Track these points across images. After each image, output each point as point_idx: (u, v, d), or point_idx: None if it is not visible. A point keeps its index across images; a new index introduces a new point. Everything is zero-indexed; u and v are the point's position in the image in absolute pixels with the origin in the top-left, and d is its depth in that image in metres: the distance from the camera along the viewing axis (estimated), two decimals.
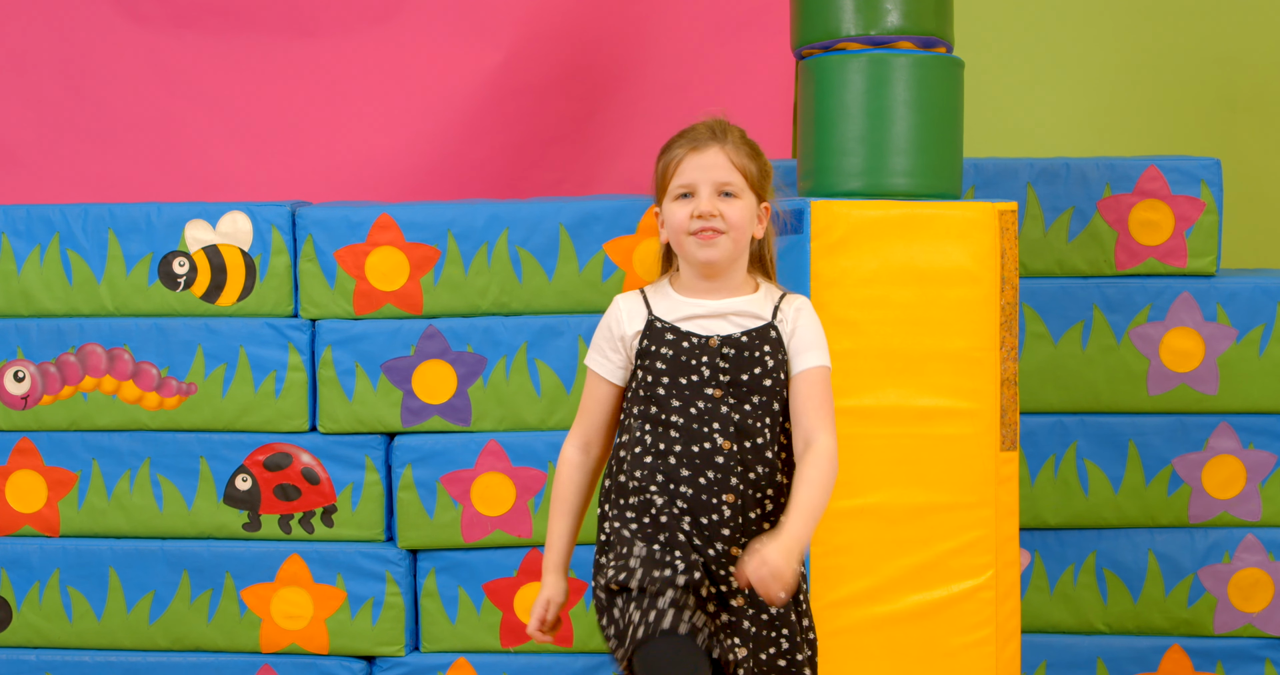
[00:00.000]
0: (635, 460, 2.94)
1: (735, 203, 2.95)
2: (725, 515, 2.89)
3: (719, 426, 2.89)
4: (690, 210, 2.94)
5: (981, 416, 3.60)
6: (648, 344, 2.94)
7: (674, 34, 4.94)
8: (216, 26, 4.92)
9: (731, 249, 2.95)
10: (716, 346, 2.92)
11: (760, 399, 2.91)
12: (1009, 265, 3.63)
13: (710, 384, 2.91)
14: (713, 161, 2.96)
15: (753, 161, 2.99)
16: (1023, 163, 4.18)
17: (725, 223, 2.93)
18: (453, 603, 4.11)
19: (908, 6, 3.69)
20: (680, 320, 2.95)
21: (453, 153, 4.87)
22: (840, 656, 3.54)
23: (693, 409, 2.90)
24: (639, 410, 2.95)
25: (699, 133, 2.99)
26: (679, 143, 3.00)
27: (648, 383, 2.93)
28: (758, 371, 2.92)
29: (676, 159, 2.98)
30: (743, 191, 2.96)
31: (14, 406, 4.17)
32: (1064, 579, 4.14)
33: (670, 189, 2.97)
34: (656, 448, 2.92)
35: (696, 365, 2.91)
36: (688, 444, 2.90)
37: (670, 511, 2.90)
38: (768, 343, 2.94)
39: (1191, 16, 5.35)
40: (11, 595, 4.16)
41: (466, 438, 4.13)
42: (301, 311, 4.16)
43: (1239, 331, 4.11)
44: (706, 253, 2.94)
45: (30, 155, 4.93)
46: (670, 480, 2.89)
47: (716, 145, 2.96)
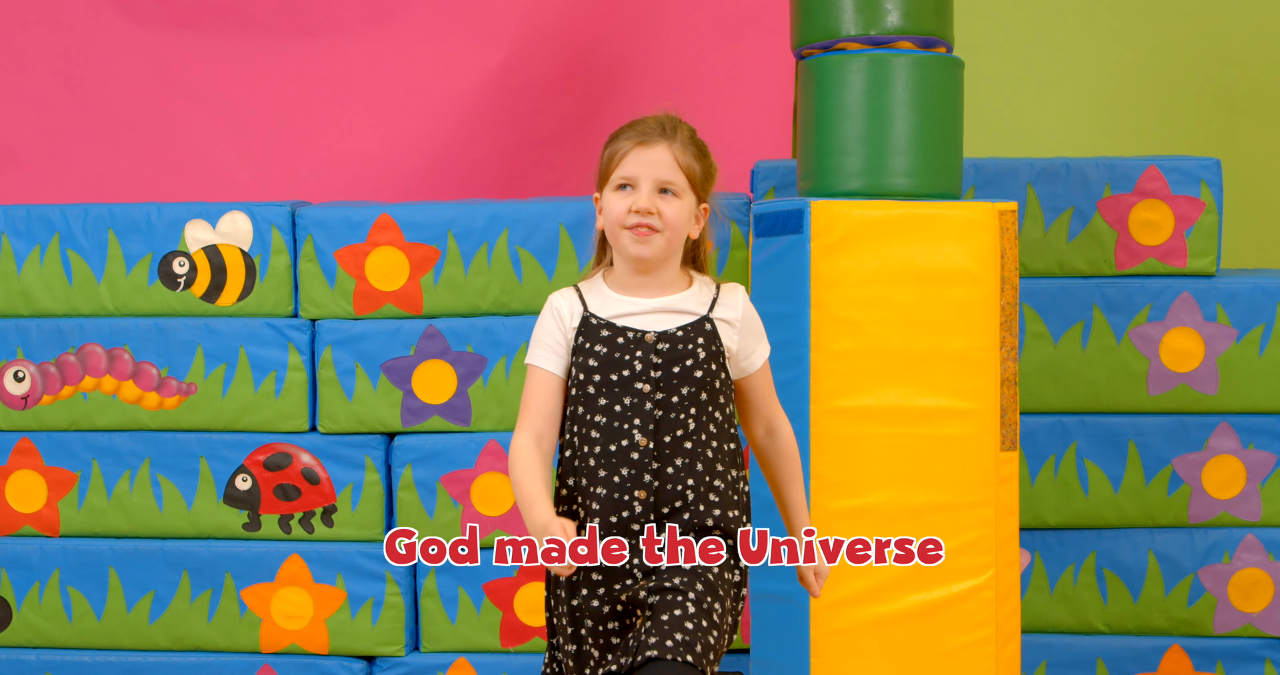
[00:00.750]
0: (565, 465, 2.96)
1: (674, 202, 2.93)
2: (636, 511, 2.88)
3: (639, 423, 2.88)
4: (629, 204, 2.93)
5: (981, 416, 3.60)
6: (582, 341, 2.93)
7: (674, 34, 4.94)
8: (216, 26, 4.92)
9: (665, 248, 2.93)
10: (652, 342, 2.91)
11: (688, 390, 2.90)
12: (1009, 265, 3.63)
13: (641, 378, 2.90)
14: (658, 158, 2.94)
15: (698, 162, 2.97)
16: (1023, 163, 4.18)
17: (662, 221, 2.91)
18: (453, 603, 4.11)
19: (908, 6, 3.69)
20: (616, 317, 2.95)
21: (453, 153, 4.87)
22: (840, 656, 3.54)
23: (617, 407, 2.89)
24: (569, 411, 2.95)
25: (649, 127, 2.98)
26: (627, 134, 2.98)
27: (579, 380, 2.92)
28: (689, 364, 2.91)
29: (622, 151, 2.96)
30: (684, 191, 2.94)
31: (14, 406, 4.17)
32: (1064, 579, 4.14)
33: (612, 178, 2.96)
34: (581, 450, 2.91)
35: (629, 360, 2.90)
36: (606, 443, 2.89)
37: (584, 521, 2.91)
38: (701, 335, 2.93)
39: (1191, 16, 5.35)
40: (11, 595, 4.16)
41: (466, 438, 4.13)
42: (301, 311, 4.16)
43: (1239, 331, 4.11)
44: (639, 249, 2.92)
45: (30, 155, 4.93)
46: (590, 482, 2.89)
47: (665, 143, 2.95)
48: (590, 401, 2.91)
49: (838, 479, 3.57)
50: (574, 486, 2.93)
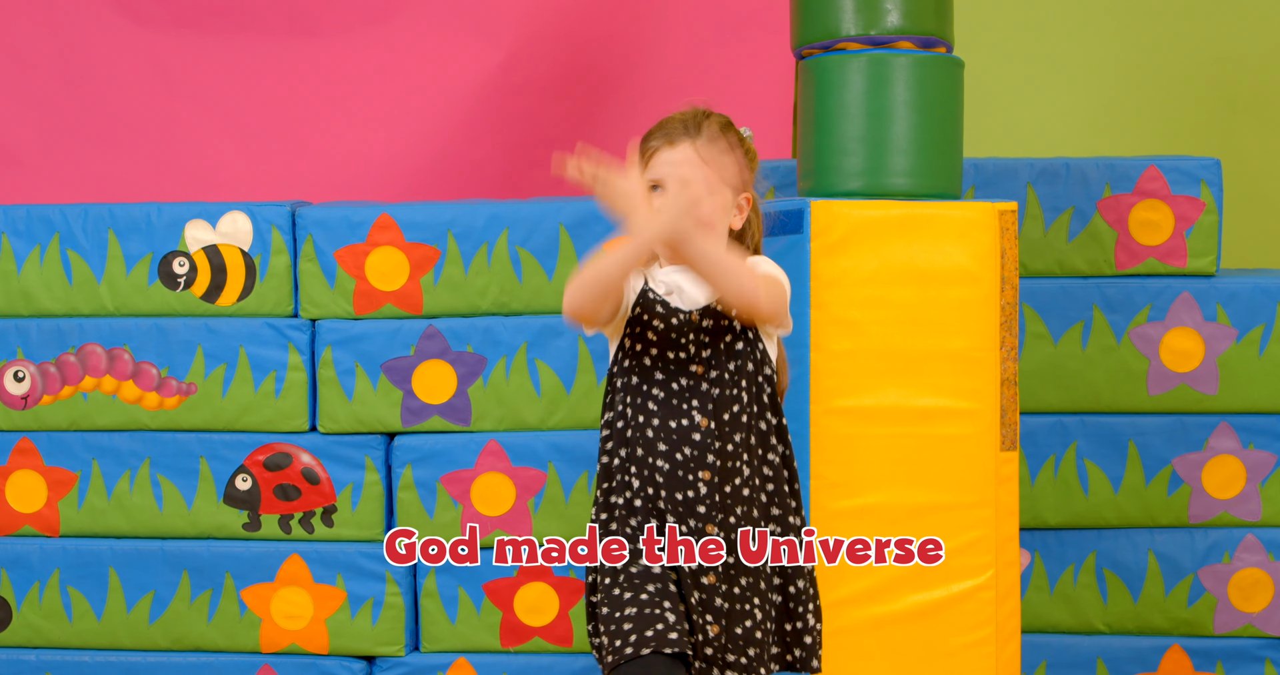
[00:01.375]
0: (617, 436, 2.96)
1: (705, 200, 2.94)
2: (701, 492, 2.89)
3: (697, 403, 2.90)
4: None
5: (981, 416, 3.60)
6: (640, 312, 2.95)
7: (674, 34, 4.94)
8: (216, 26, 4.92)
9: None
10: (698, 321, 2.93)
11: (736, 365, 2.93)
12: (1009, 265, 3.63)
13: (694, 361, 2.91)
14: (683, 157, 2.96)
15: (728, 155, 2.97)
16: (1023, 163, 4.18)
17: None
18: (453, 603, 4.10)
19: (908, 6, 3.69)
20: (667, 293, 2.96)
21: (453, 153, 4.87)
22: (840, 656, 3.54)
23: (674, 384, 2.91)
24: (622, 383, 2.95)
25: (673, 126, 2.99)
26: (656, 135, 3.00)
27: (635, 352, 2.93)
28: (729, 338, 2.93)
29: (650, 151, 2.99)
30: (714, 187, 2.95)
31: (14, 406, 4.17)
32: (1064, 579, 4.14)
33: (645, 181, 2.98)
34: (635, 421, 2.92)
35: (684, 343, 2.92)
36: (665, 419, 2.90)
37: (645, 493, 2.91)
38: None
39: (1191, 16, 5.35)
40: (11, 595, 4.16)
41: (466, 438, 4.13)
42: (301, 311, 4.16)
43: (1239, 331, 4.11)
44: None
45: (30, 155, 4.93)
46: (648, 454, 2.90)
47: (688, 141, 2.96)
48: (647, 374, 2.92)
49: (838, 479, 3.57)
50: (627, 457, 2.92)
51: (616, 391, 2.96)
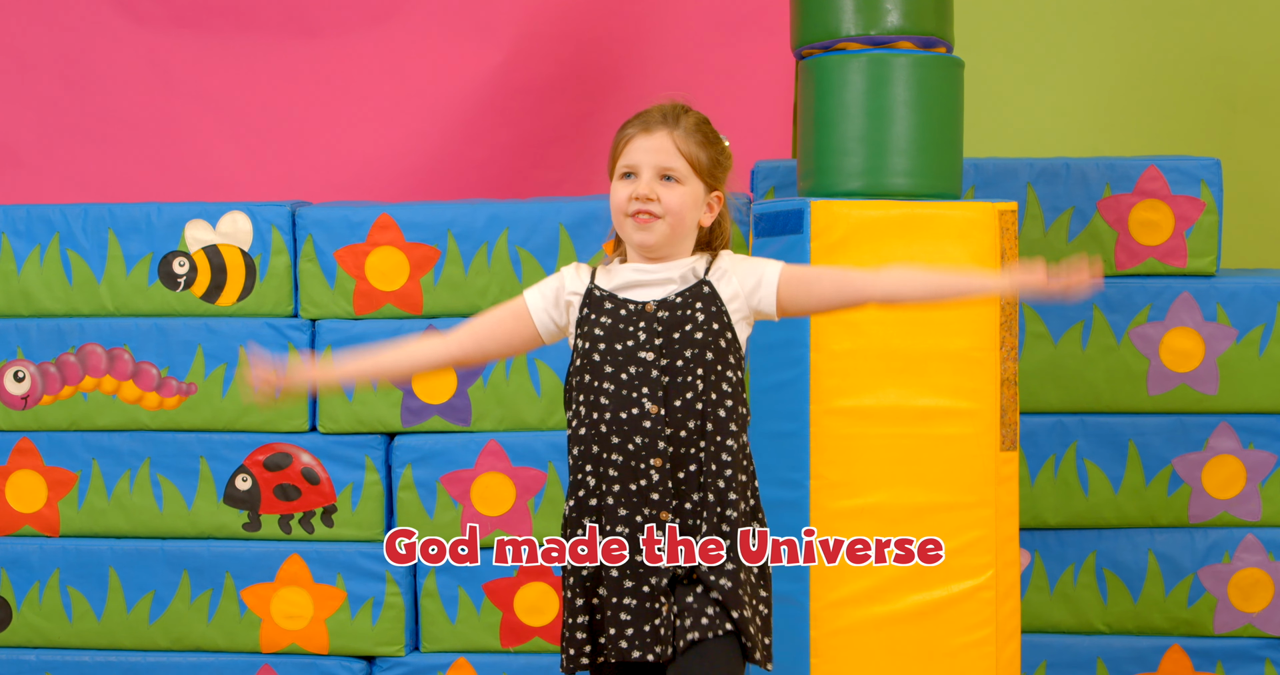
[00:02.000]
0: (573, 436, 2.97)
1: (676, 188, 2.94)
2: (654, 479, 2.90)
3: (648, 391, 2.91)
4: (630, 191, 2.95)
5: (981, 416, 3.60)
6: (587, 312, 2.96)
7: (674, 34, 4.94)
8: (216, 26, 4.92)
9: (668, 234, 2.94)
10: (653, 311, 2.93)
11: (692, 352, 2.92)
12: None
13: (644, 347, 2.92)
14: (659, 145, 2.95)
15: (703, 149, 2.97)
16: (1023, 163, 4.18)
17: (662, 207, 2.92)
18: (453, 603, 4.11)
19: (908, 6, 3.69)
20: (618, 288, 2.96)
21: (453, 153, 4.87)
22: (840, 656, 3.54)
23: (624, 374, 2.91)
24: (576, 382, 2.97)
25: (652, 115, 3.00)
26: (632, 123, 3.01)
27: (584, 350, 2.94)
28: (688, 328, 2.93)
29: (626, 138, 2.99)
30: (686, 178, 2.95)
31: (14, 406, 4.17)
32: (1064, 579, 4.14)
33: (616, 168, 2.99)
34: (590, 418, 2.93)
35: (633, 331, 2.93)
36: (616, 411, 2.91)
37: (599, 490, 2.92)
38: (699, 299, 2.95)
39: (1191, 16, 5.35)
40: (11, 595, 4.16)
41: (466, 438, 4.13)
42: (301, 311, 4.16)
43: (1239, 331, 4.11)
44: (641, 236, 2.94)
45: (30, 155, 4.93)
46: (602, 450, 2.91)
47: (665, 130, 2.96)
48: (596, 369, 2.92)
49: (838, 479, 3.57)
50: (580, 454, 2.94)
51: (572, 391, 2.98)
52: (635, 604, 2.90)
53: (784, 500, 3.57)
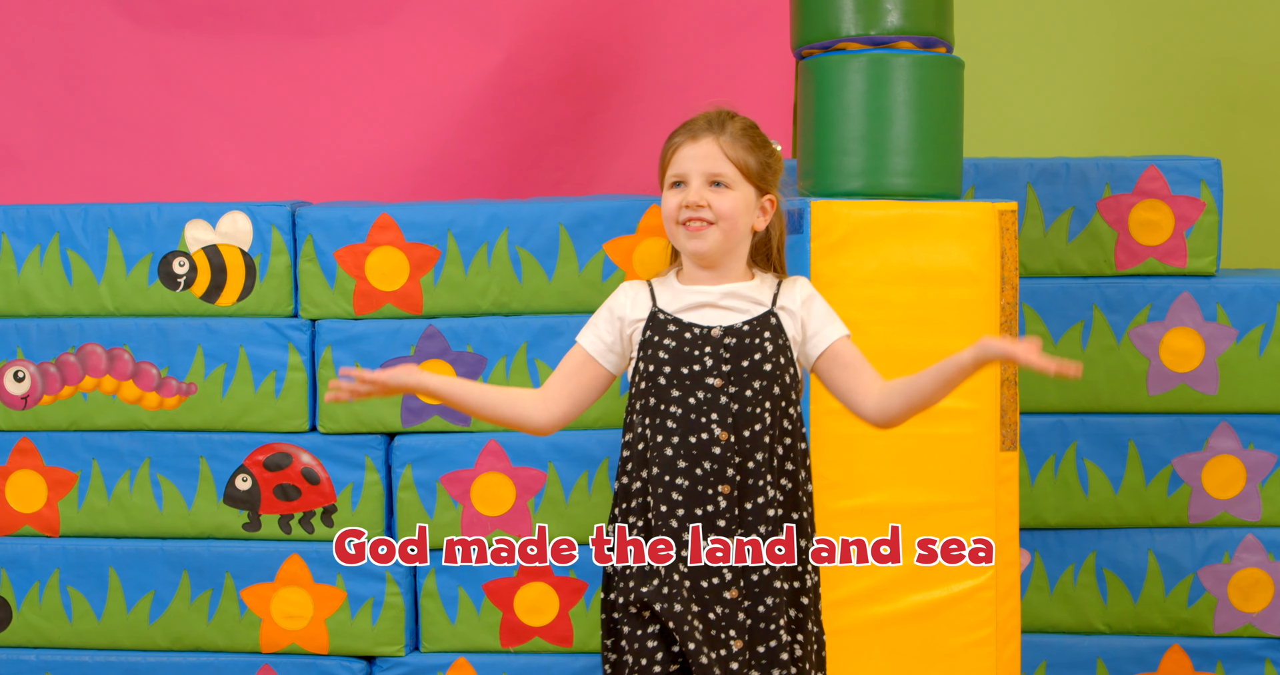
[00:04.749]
0: (636, 458, 2.95)
1: (727, 194, 2.94)
2: (720, 506, 2.89)
3: (717, 417, 2.90)
4: (680, 200, 2.95)
5: (981, 416, 3.60)
6: (650, 335, 2.95)
7: (674, 34, 4.94)
8: (216, 26, 4.91)
9: (722, 241, 2.94)
10: (719, 337, 2.93)
11: (760, 384, 2.92)
12: (1009, 265, 3.63)
13: (711, 374, 2.91)
14: (706, 152, 2.96)
15: (751, 154, 2.97)
16: (1023, 163, 4.18)
17: (714, 213, 2.93)
18: (453, 603, 4.10)
19: (908, 6, 3.69)
20: (682, 310, 2.96)
21: (453, 153, 4.87)
22: (840, 656, 3.54)
23: (691, 399, 2.90)
24: (640, 404, 2.95)
25: (697, 123, 3.00)
26: (679, 132, 3.01)
27: (649, 373, 2.93)
28: (757, 358, 2.92)
29: (673, 148, 2.99)
30: (736, 183, 2.95)
31: (14, 406, 4.17)
32: (1064, 579, 4.14)
33: (666, 178, 2.99)
34: (655, 440, 2.92)
35: (699, 356, 2.92)
36: (685, 435, 2.90)
37: (661, 511, 2.91)
38: (768, 329, 2.94)
39: (1191, 16, 5.35)
40: (11, 595, 4.16)
41: (466, 438, 4.13)
42: (301, 311, 4.16)
43: (1239, 331, 4.11)
44: (695, 244, 2.94)
45: (30, 155, 4.92)
46: (666, 472, 2.90)
47: (711, 136, 2.96)
48: (663, 393, 2.91)
49: (838, 479, 3.57)
50: (648, 477, 2.93)
51: (634, 412, 2.96)
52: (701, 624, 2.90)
53: None
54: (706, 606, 2.90)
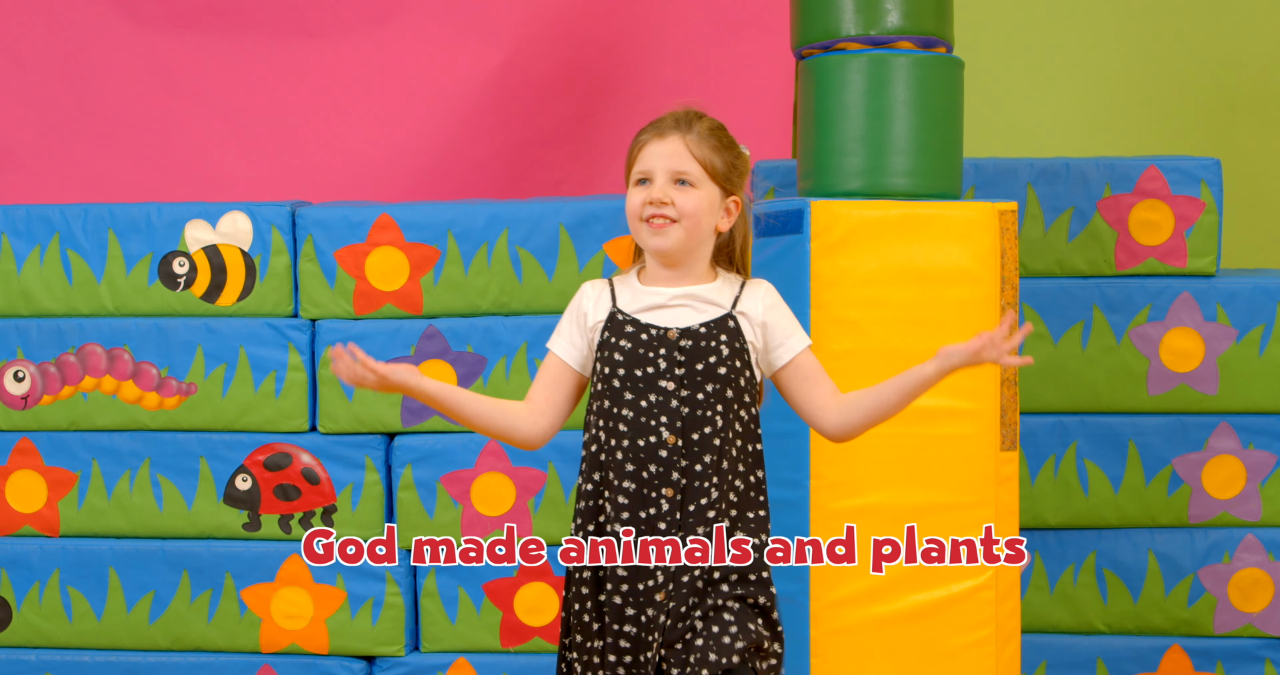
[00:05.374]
0: (591, 459, 2.96)
1: (691, 192, 2.92)
2: (663, 509, 2.89)
3: (666, 420, 2.89)
4: (644, 197, 2.93)
5: (981, 416, 3.60)
6: (608, 336, 2.94)
7: (674, 34, 4.94)
8: (216, 26, 4.92)
9: (684, 239, 2.92)
10: (675, 339, 2.91)
11: (714, 387, 2.91)
12: (1009, 265, 3.63)
13: (665, 376, 2.90)
14: (672, 150, 2.94)
15: (718, 154, 2.95)
16: (1023, 163, 4.18)
17: (677, 211, 2.90)
18: (453, 603, 4.11)
19: (908, 6, 3.69)
20: (640, 311, 2.95)
21: (453, 153, 4.87)
22: (840, 656, 3.54)
23: (643, 402, 2.90)
24: (596, 406, 2.96)
25: (664, 122, 2.99)
26: (646, 130, 3.00)
27: (604, 374, 2.93)
28: (712, 361, 2.91)
29: (639, 145, 2.98)
30: (701, 182, 2.93)
31: (14, 406, 4.18)
32: (1064, 579, 4.14)
33: (631, 175, 2.98)
34: (608, 445, 2.92)
35: (654, 357, 2.91)
36: (634, 438, 2.90)
37: (609, 515, 2.91)
38: (724, 332, 2.93)
39: (1191, 16, 5.35)
40: (11, 595, 4.16)
41: (466, 438, 4.13)
42: (301, 311, 4.16)
43: (1239, 331, 4.11)
44: (657, 241, 2.92)
45: (30, 155, 4.93)
46: (617, 477, 2.90)
47: (678, 134, 2.95)
48: (616, 396, 2.91)
49: (838, 479, 3.57)
50: (600, 480, 2.93)
51: (591, 413, 2.96)
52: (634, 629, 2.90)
53: (784, 500, 3.57)
54: (639, 609, 2.90)
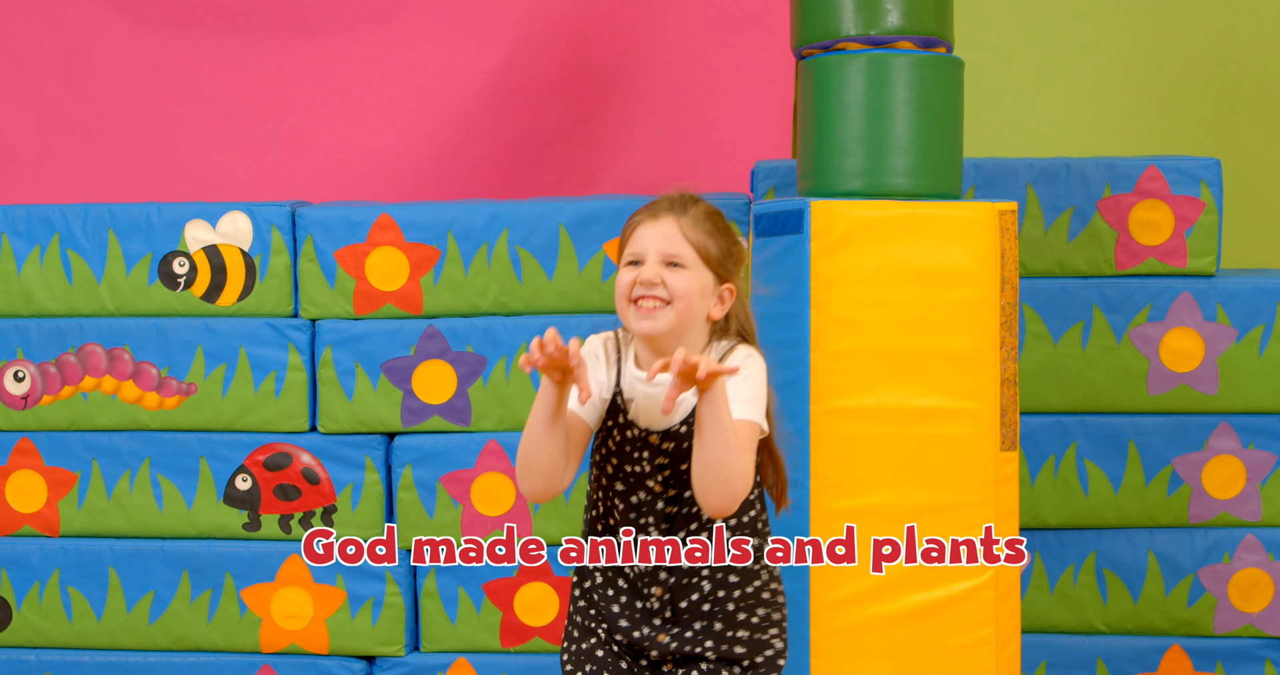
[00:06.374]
0: (589, 525, 2.95)
1: (682, 273, 2.81)
2: (654, 606, 2.88)
3: (653, 520, 2.86)
4: (634, 276, 2.82)
5: (981, 416, 3.60)
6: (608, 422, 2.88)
7: (674, 34, 4.94)
8: (216, 26, 4.92)
9: (674, 322, 2.81)
10: (656, 443, 2.86)
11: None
12: (1009, 265, 3.63)
13: (651, 477, 2.85)
14: (665, 232, 2.82)
15: (713, 239, 2.85)
16: (1023, 163, 4.18)
17: (669, 292, 2.80)
18: (453, 603, 4.11)
19: (908, 6, 3.69)
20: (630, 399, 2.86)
21: (453, 153, 4.87)
22: (840, 656, 3.54)
23: (633, 498, 2.87)
24: (595, 475, 2.92)
25: (660, 204, 2.87)
26: (640, 211, 2.87)
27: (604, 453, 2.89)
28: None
29: (633, 226, 2.87)
30: (693, 265, 2.82)
31: (14, 406, 4.18)
32: (1064, 579, 4.14)
33: (623, 257, 2.87)
34: (606, 522, 2.91)
35: (639, 458, 2.85)
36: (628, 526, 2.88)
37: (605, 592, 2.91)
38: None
39: (1191, 16, 5.35)
40: (11, 595, 4.16)
41: (466, 438, 4.13)
42: (301, 311, 4.16)
43: (1239, 331, 4.11)
44: (645, 324, 2.80)
45: (30, 155, 4.93)
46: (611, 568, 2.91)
47: (672, 217, 2.83)
48: (609, 485, 2.89)
49: (838, 479, 3.57)
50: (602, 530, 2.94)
51: (593, 481, 2.93)
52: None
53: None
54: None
